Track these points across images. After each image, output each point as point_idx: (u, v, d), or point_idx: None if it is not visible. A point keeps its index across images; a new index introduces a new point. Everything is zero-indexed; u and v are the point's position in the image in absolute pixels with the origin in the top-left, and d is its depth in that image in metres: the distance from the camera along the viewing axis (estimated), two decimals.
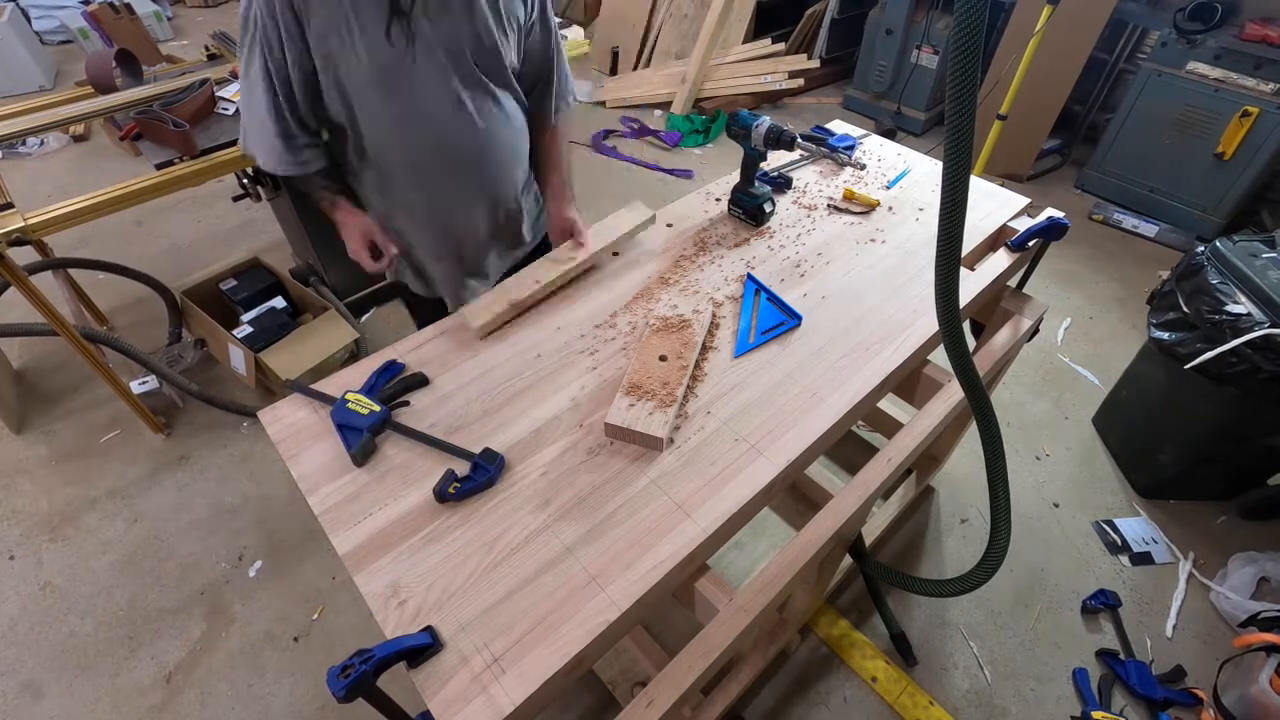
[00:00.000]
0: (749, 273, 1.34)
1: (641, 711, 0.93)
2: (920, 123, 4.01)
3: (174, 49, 4.96)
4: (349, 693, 0.72)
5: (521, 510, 0.95)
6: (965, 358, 0.90)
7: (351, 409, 1.04)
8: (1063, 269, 3.01)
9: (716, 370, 1.16)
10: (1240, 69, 2.82)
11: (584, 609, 0.85)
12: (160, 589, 1.93)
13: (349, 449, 1.00)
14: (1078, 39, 3.15)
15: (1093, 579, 1.92)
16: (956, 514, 2.08)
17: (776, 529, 2.01)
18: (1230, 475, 2.05)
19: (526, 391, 1.12)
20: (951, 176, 0.73)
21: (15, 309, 2.50)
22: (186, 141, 2.00)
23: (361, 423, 1.02)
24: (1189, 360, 1.76)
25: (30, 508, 2.14)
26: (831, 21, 4.31)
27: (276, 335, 2.39)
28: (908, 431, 1.26)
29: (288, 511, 2.10)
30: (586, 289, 1.33)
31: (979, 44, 0.65)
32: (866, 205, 1.52)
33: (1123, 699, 1.69)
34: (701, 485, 0.99)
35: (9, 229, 1.73)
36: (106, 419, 2.39)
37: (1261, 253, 1.77)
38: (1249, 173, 2.92)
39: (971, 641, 1.79)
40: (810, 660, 1.76)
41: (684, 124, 4.02)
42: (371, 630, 1.79)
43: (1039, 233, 1.44)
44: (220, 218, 3.40)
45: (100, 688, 1.73)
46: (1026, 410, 2.40)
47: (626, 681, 1.56)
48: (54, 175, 3.69)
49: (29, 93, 4.51)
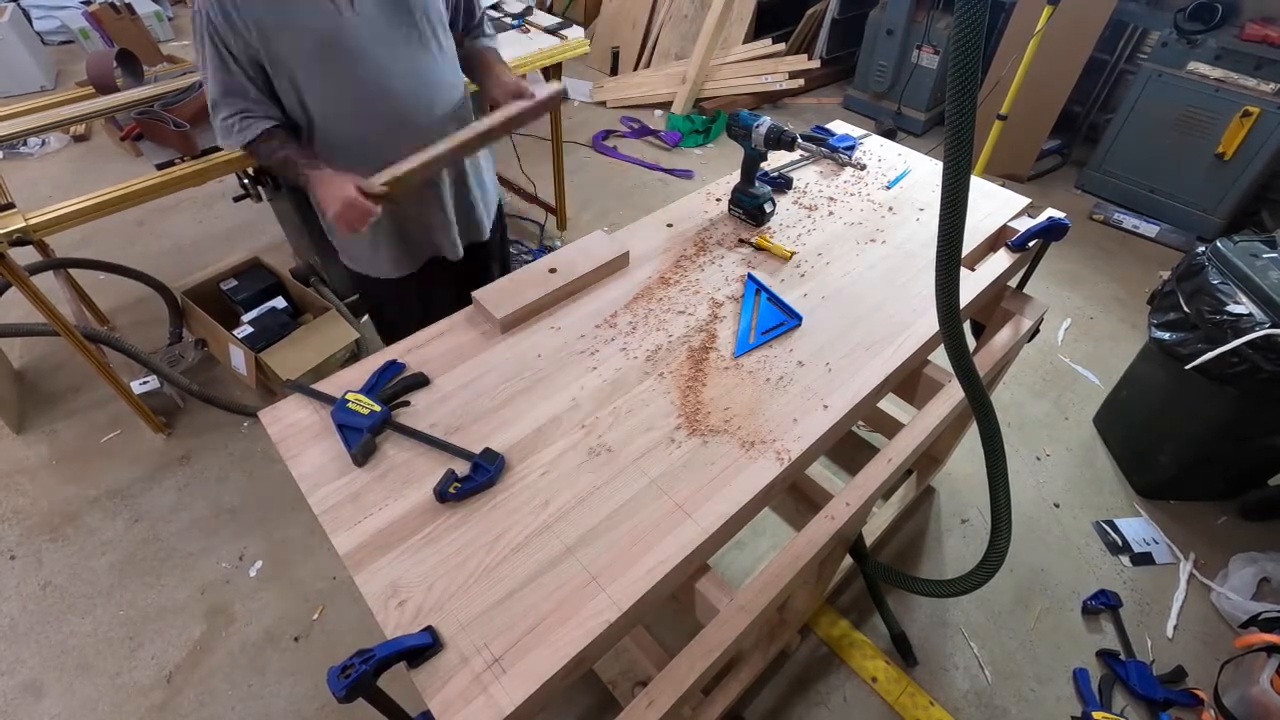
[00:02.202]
0: (749, 273, 1.34)
1: (642, 711, 0.93)
2: (920, 123, 4.01)
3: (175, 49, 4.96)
4: (349, 693, 0.72)
5: (521, 510, 0.95)
6: (965, 358, 0.90)
7: (352, 409, 1.04)
8: (1063, 269, 3.01)
9: (716, 370, 1.16)
10: (1241, 69, 2.82)
11: (584, 609, 0.85)
12: (160, 589, 1.93)
13: (349, 449, 1.00)
14: (1078, 39, 3.15)
15: (1093, 579, 1.92)
16: (957, 514, 2.08)
17: (776, 529, 2.01)
18: (1231, 475, 2.05)
19: (526, 391, 1.12)
20: (952, 176, 0.73)
21: (16, 309, 2.51)
22: (187, 142, 2.00)
23: (362, 423, 1.02)
24: (1190, 360, 1.76)
25: (31, 507, 2.14)
26: (832, 21, 4.31)
27: (277, 335, 2.39)
28: (908, 431, 1.26)
29: (288, 511, 2.10)
30: (587, 289, 1.33)
31: (979, 44, 0.65)
32: (780, 256, 1.39)
33: (1123, 699, 1.69)
34: (701, 485, 0.99)
35: (10, 229, 1.73)
36: (107, 419, 2.39)
37: (1262, 253, 1.77)
38: (1249, 173, 2.92)
39: (972, 642, 1.79)
40: (810, 660, 1.75)
41: (684, 124, 4.02)
42: (372, 630, 1.78)
43: (1039, 233, 1.44)
44: (221, 218, 3.40)
45: (100, 687, 1.73)
46: (1027, 410, 2.40)
47: (627, 681, 1.56)
48: (55, 175, 3.69)
49: (30, 93, 4.51)
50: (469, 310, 1.28)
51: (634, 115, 4.18)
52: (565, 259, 1.34)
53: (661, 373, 1.15)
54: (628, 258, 1.38)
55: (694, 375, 1.14)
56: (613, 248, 1.37)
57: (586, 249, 1.36)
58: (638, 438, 1.05)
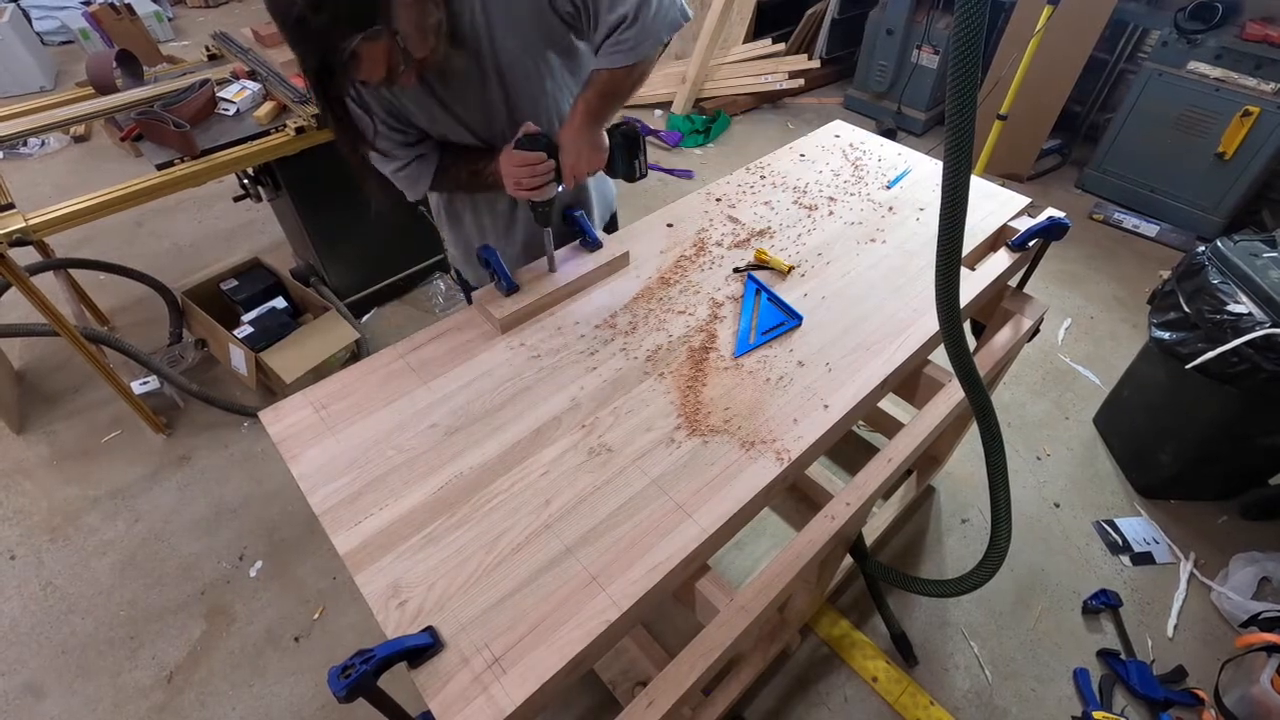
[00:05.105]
0: (750, 273, 1.34)
1: (642, 712, 0.93)
2: (920, 123, 4.01)
3: (175, 49, 4.97)
4: (350, 693, 0.72)
5: (521, 510, 0.95)
6: (966, 358, 0.90)
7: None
8: (1063, 269, 3.01)
9: (717, 370, 1.16)
10: (1241, 69, 2.82)
11: (584, 609, 0.85)
12: (161, 589, 1.93)
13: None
14: (1078, 39, 3.14)
15: (1093, 579, 1.92)
16: (957, 514, 2.08)
17: (776, 529, 2.01)
18: (1231, 475, 2.05)
19: (526, 391, 1.12)
20: (952, 176, 0.73)
21: (16, 309, 2.51)
22: (187, 142, 2.01)
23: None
24: (1190, 360, 1.76)
25: (31, 508, 2.14)
26: (832, 21, 4.31)
27: (277, 335, 2.39)
28: (908, 431, 1.26)
29: (288, 511, 2.10)
30: (587, 289, 1.33)
31: (979, 44, 0.65)
32: (779, 269, 1.35)
33: (1124, 699, 1.69)
34: (702, 485, 0.99)
35: (10, 229, 1.73)
36: (107, 419, 2.39)
37: (1262, 252, 1.77)
38: (1249, 172, 2.91)
39: (972, 641, 1.79)
40: (811, 660, 1.75)
41: (684, 124, 4.02)
42: (372, 630, 1.80)
43: (1039, 233, 1.44)
44: (221, 218, 3.40)
45: (101, 688, 1.73)
46: (1027, 410, 2.40)
47: (627, 681, 1.56)
48: (55, 176, 3.70)
49: (30, 93, 4.51)
50: (469, 310, 1.28)
51: (634, 115, 4.19)
52: (565, 259, 1.34)
53: (661, 373, 1.15)
54: (628, 258, 1.38)
55: (694, 375, 1.14)
56: (613, 248, 1.37)
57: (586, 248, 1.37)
58: (638, 438, 1.05)
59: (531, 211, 1.22)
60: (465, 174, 1.26)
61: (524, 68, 1.14)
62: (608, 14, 1.04)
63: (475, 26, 1.05)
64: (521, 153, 1.12)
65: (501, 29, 1.06)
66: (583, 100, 1.13)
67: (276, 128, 2.15)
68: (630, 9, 1.02)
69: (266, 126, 2.17)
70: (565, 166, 1.16)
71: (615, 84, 1.12)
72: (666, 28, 1.08)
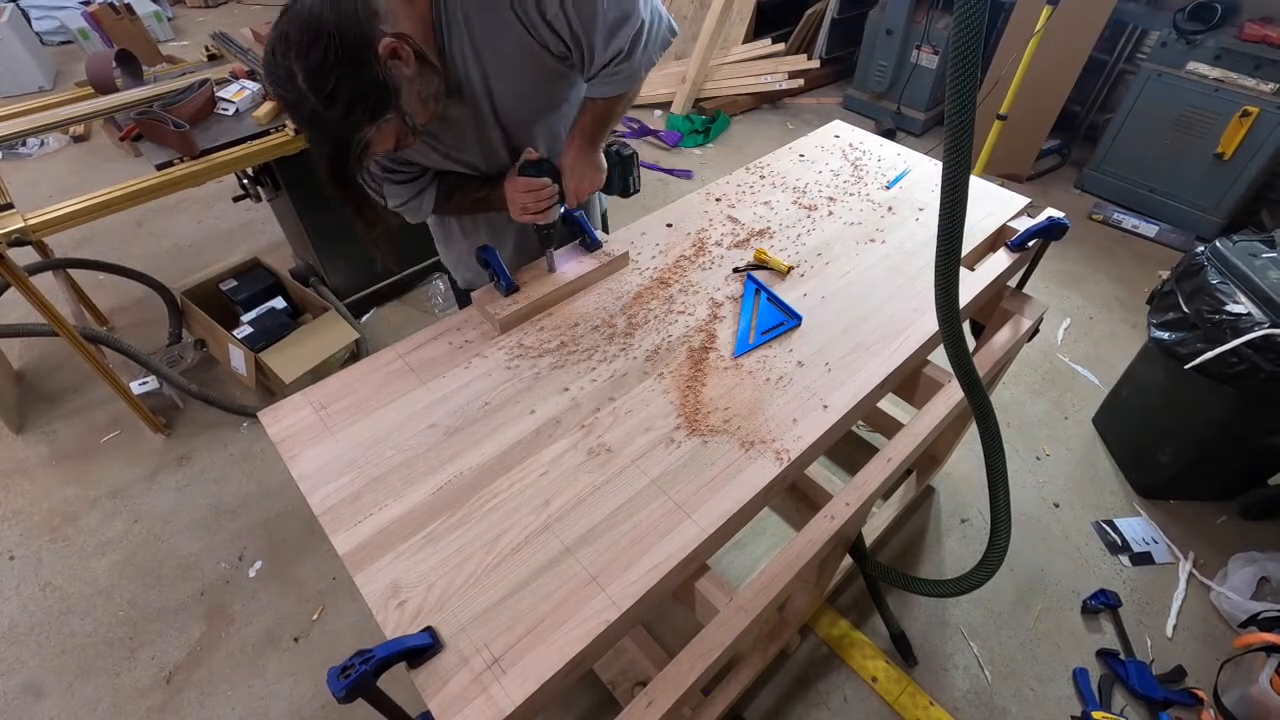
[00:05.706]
0: (749, 273, 1.34)
1: (641, 711, 0.93)
2: (920, 123, 4.01)
3: (174, 49, 4.96)
4: (349, 693, 0.72)
5: (521, 510, 0.95)
6: (965, 358, 0.90)
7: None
8: (1063, 269, 3.01)
9: (716, 370, 1.16)
10: (1240, 69, 2.82)
11: (584, 609, 0.85)
12: (160, 589, 1.93)
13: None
14: (1078, 39, 3.15)
15: (1093, 579, 1.92)
16: (956, 514, 2.08)
17: (776, 529, 2.01)
18: (1230, 475, 2.05)
19: (526, 392, 1.12)
20: (951, 176, 0.73)
21: (15, 309, 2.51)
22: (187, 142, 2.00)
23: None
24: (1189, 360, 1.76)
25: (30, 508, 2.14)
26: (831, 21, 4.31)
27: (277, 335, 2.39)
28: (908, 431, 1.26)
29: (288, 511, 2.10)
30: (587, 289, 1.33)
31: (979, 44, 0.65)
32: (779, 269, 1.35)
33: (1123, 699, 1.69)
34: (701, 485, 0.99)
35: (9, 229, 1.73)
36: (107, 419, 2.39)
37: (1261, 253, 1.77)
38: (1249, 173, 2.92)
39: (972, 641, 1.79)
40: (810, 660, 1.75)
41: (684, 124, 4.02)
42: (372, 630, 1.80)
43: (1039, 233, 1.44)
44: (220, 218, 3.40)
45: (100, 688, 1.73)
46: (1026, 410, 2.40)
47: (626, 681, 1.56)
48: (54, 176, 3.69)
49: (29, 93, 4.51)
50: (468, 310, 1.28)
51: (633, 115, 4.19)
52: (564, 259, 1.34)
53: (661, 373, 1.15)
54: (627, 258, 1.38)
55: (694, 375, 1.14)
56: (612, 248, 1.37)
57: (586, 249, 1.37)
58: (637, 438, 1.05)
59: (536, 234, 1.24)
60: (469, 201, 1.28)
61: (520, 107, 1.15)
62: (602, 53, 1.04)
63: (469, 75, 1.04)
64: (526, 179, 1.15)
65: (495, 73, 1.06)
66: (580, 126, 1.16)
67: (276, 128, 2.15)
68: (624, 44, 1.03)
69: (266, 126, 2.17)
70: (568, 189, 1.20)
71: (610, 109, 1.15)
72: (658, 50, 1.10)
